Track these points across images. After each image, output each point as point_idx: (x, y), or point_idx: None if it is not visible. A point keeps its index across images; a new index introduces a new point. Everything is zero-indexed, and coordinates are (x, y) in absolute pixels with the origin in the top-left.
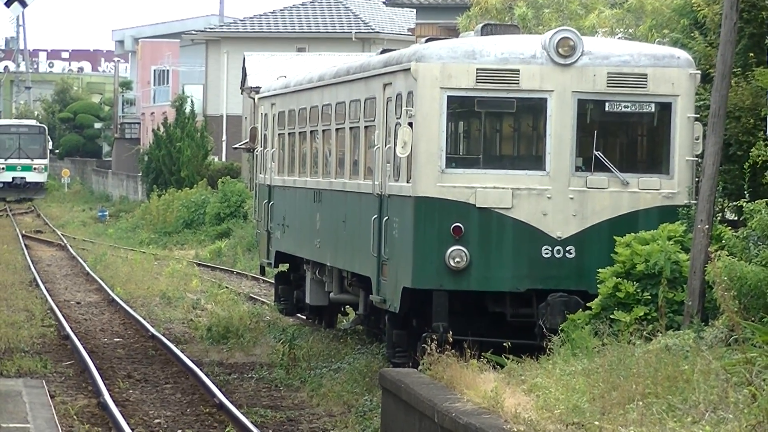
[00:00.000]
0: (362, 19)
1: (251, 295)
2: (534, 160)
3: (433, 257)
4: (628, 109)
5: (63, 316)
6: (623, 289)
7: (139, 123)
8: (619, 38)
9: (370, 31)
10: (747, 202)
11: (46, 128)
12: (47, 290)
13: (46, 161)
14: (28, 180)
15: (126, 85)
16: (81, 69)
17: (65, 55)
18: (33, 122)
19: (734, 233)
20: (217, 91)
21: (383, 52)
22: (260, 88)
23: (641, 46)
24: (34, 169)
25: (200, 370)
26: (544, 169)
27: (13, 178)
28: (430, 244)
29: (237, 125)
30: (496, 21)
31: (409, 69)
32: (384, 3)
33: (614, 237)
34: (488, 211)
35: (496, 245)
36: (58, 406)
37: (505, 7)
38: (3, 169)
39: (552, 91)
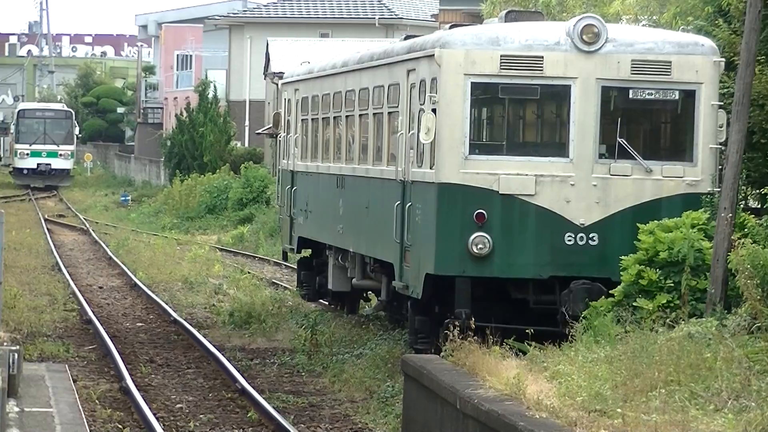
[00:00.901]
0: (386, 5)
1: (273, 280)
2: (557, 147)
3: (456, 244)
4: (652, 97)
5: (85, 300)
6: (646, 277)
7: (161, 108)
8: (643, 25)
9: (394, 17)
10: None
11: (73, 113)
12: (69, 275)
13: (72, 147)
14: (53, 167)
15: (149, 69)
16: (104, 53)
17: (88, 39)
18: (60, 106)
19: (757, 221)
20: (240, 77)
21: (407, 38)
22: (283, 73)
23: (665, 33)
24: (60, 155)
25: (222, 355)
26: (568, 156)
27: (38, 164)
28: (453, 230)
29: (260, 110)
30: (520, 7)
31: (433, 55)
32: None
33: (637, 224)
34: (511, 197)
35: (519, 232)
36: (80, 391)
37: None
38: (27, 154)
39: (576, 78)
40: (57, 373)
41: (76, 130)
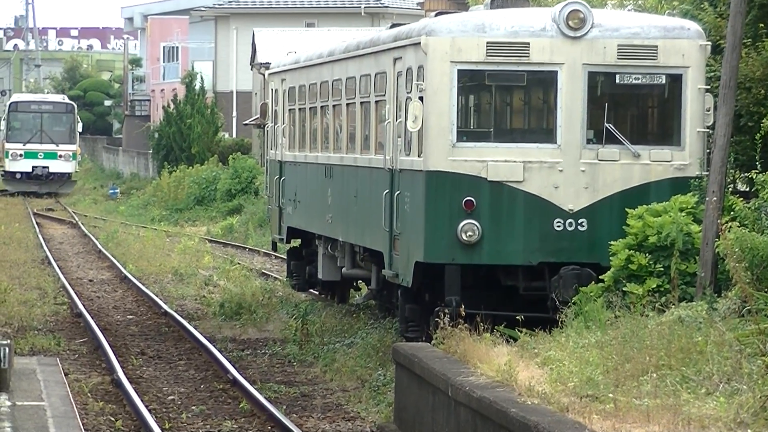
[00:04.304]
0: None
1: (263, 271)
2: (545, 133)
3: (445, 231)
4: (639, 81)
5: (75, 293)
6: (635, 261)
7: (149, 100)
8: (628, 10)
9: (380, 5)
10: (758, 173)
11: (75, 106)
12: (59, 268)
13: (74, 147)
14: (51, 170)
15: (135, 62)
16: (90, 47)
17: (74, 32)
18: (60, 98)
19: (746, 204)
20: (226, 68)
21: (393, 26)
22: (270, 63)
23: (651, 18)
24: (60, 156)
25: (213, 346)
26: (555, 142)
27: (33, 167)
28: (442, 218)
29: (247, 101)
30: None
31: (419, 43)
32: None
33: (626, 209)
34: (500, 184)
35: (507, 219)
36: (72, 384)
37: None
38: (21, 156)
39: (562, 63)
40: (48, 367)
41: (79, 127)
